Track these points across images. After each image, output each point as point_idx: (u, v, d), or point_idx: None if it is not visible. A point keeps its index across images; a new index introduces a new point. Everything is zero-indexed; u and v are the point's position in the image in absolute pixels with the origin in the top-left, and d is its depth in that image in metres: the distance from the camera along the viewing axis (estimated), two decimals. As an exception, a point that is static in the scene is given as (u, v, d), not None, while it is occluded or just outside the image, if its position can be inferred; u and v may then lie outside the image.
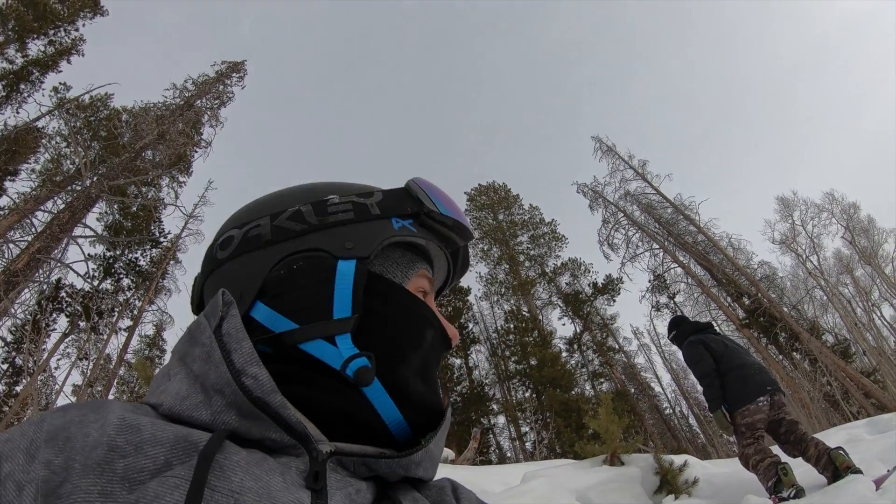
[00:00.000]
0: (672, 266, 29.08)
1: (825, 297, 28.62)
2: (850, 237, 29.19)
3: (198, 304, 0.72)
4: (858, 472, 4.33)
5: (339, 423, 0.59)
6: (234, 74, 26.24)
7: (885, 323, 28.57)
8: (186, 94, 24.83)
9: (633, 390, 29.91)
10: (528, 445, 25.75)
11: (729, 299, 27.17)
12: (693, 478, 6.61)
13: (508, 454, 27.38)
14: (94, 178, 19.44)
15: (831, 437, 9.15)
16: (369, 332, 0.63)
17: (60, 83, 21.87)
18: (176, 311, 25.41)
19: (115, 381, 21.83)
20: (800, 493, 4.33)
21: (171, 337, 25.20)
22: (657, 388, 32.57)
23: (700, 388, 5.99)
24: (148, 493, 0.43)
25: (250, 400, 0.51)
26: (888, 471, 4.47)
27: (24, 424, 0.49)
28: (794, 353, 25.26)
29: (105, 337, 22.20)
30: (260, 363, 0.54)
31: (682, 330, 5.78)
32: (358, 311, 0.62)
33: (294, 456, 0.54)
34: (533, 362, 27.34)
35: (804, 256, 29.07)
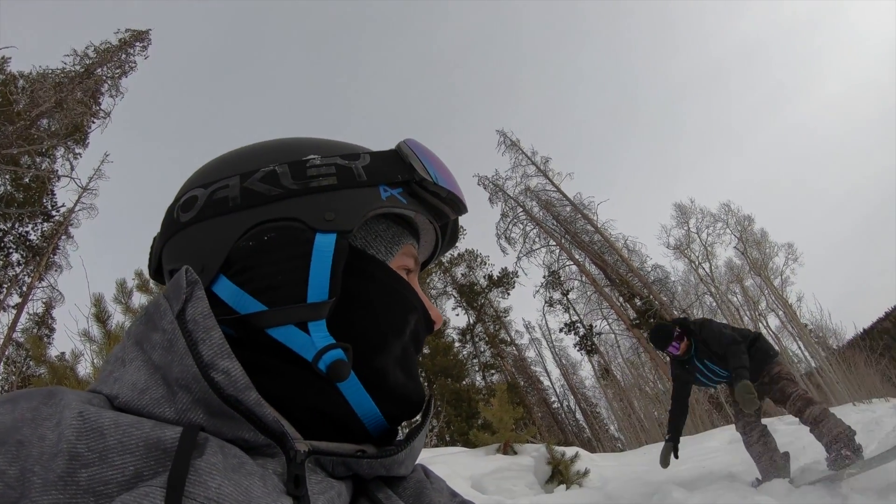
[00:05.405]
0: (567, 263, 29.93)
1: (715, 304, 29.64)
2: (743, 248, 30.31)
3: (156, 269, 0.66)
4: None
5: (313, 419, 0.54)
6: (137, 43, 25.25)
7: (771, 333, 29.63)
8: (87, 62, 23.80)
9: (522, 383, 30.34)
10: (419, 433, 25.92)
11: (621, 299, 27.94)
12: (584, 469, 6.93)
13: (399, 441, 27.47)
14: (-14, 147, 18.62)
15: (715, 438, 9.59)
16: (347, 317, 0.57)
17: (-48, 46, 20.79)
18: (67, 288, 23.95)
19: (2, 360, 20.59)
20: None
21: (61, 315, 23.84)
22: (546, 382, 33.17)
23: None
24: None
25: (221, 398, 0.46)
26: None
27: None
28: (682, 356, 25.93)
29: (-8, 314, 21.14)
30: (232, 355, 0.48)
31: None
32: (336, 295, 0.56)
33: (269, 456, 0.49)
34: (425, 351, 27.67)
35: (697, 263, 30.12)
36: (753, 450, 4.76)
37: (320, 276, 0.55)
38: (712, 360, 4.90)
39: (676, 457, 4.89)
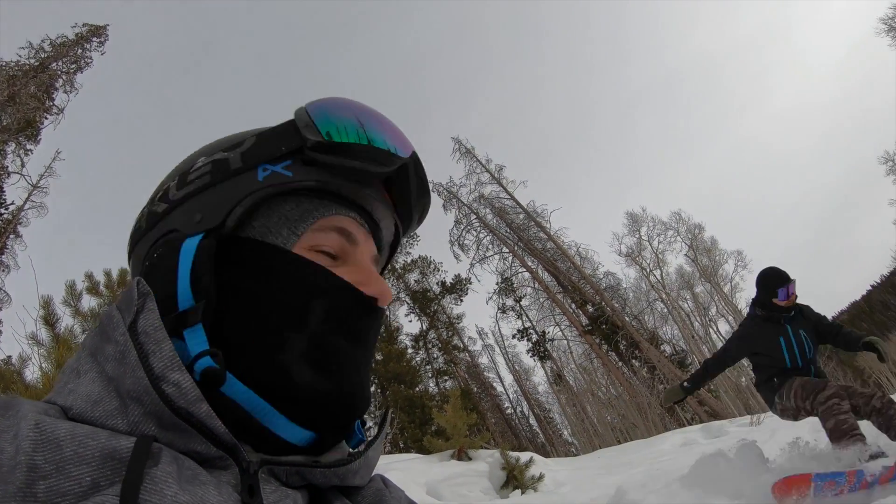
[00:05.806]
0: (520, 270, 30.35)
1: (666, 310, 30.38)
2: (693, 255, 31.10)
3: None
4: None
5: (245, 432, 0.52)
6: (94, 39, 24.90)
7: (721, 337, 30.54)
8: (42, 55, 23.47)
9: (475, 389, 30.60)
10: (372, 440, 25.89)
11: (573, 306, 28.42)
12: (538, 473, 7.12)
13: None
14: (-67, 140, 18.24)
15: (667, 441, 9.76)
16: (234, 316, 0.54)
17: None
18: (14, 289, 23.17)
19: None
20: None
21: (8, 318, 22.93)
22: (499, 388, 33.57)
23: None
24: None
25: (172, 410, 0.45)
26: None
27: None
28: (634, 361, 26.59)
29: (-65, 315, 20.31)
30: (182, 368, 0.48)
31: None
32: (204, 297, 0.53)
33: (222, 469, 0.48)
34: (378, 357, 27.60)
35: (648, 270, 30.80)
36: (840, 419, 4.15)
37: (185, 282, 0.53)
38: (805, 329, 4.67)
39: (677, 403, 4.82)
